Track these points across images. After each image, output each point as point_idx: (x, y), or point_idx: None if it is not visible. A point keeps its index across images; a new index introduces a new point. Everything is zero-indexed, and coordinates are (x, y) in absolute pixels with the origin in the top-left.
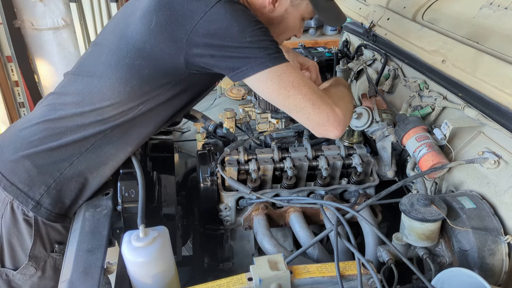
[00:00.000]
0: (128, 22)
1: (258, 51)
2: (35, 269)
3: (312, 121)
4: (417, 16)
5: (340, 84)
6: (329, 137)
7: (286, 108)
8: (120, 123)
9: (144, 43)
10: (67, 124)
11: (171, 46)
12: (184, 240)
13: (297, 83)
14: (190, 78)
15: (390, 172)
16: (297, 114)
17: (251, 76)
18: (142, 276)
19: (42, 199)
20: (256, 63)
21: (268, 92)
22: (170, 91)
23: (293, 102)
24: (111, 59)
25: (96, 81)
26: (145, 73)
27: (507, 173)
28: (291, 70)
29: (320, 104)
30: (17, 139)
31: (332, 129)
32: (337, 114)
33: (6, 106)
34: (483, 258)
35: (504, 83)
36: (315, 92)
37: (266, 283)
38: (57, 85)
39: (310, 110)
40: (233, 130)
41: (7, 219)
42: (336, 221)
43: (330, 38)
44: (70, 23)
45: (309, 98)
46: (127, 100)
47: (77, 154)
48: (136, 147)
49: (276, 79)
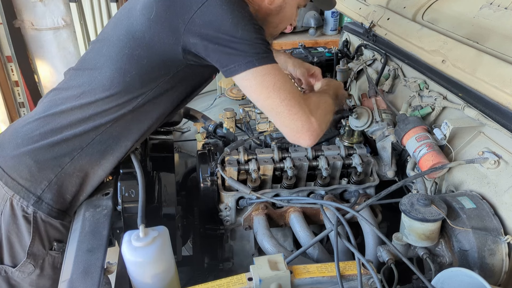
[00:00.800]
0: (129, 16)
1: (248, 48)
2: (33, 267)
3: (287, 126)
4: (417, 16)
5: (326, 93)
6: (301, 145)
7: (264, 109)
8: (119, 115)
9: (143, 33)
10: (68, 118)
11: (169, 35)
12: (184, 240)
13: (279, 86)
14: (187, 70)
15: (390, 172)
16: (273, 117)
17: (238, 74)
18: (142, 276)
19: (43, 194)
20: (244, 61)
21: (250, 90)
22: (168, 82)
23: (271, 104)
24: (112, 51)
25: (97, 72)
26: (144, 63)
27: (507, 173)
28: (276, 72)
29: (297, 111)
30: (18, 135)
31: (304, 138)
32: (312, 124)
33: (6, 106)
34: (483, 258)
35: (504, 83)
36: (294, 97)
37: (266, 283)
38: (59, 83)
39: (286, 115)
40: (233, 130)
41: (7, 216)
42: (336, 221)
43: (330, 38)
44: (70, 23)
45: (287, 104)
46: (126, 91)
47: (78, 149)
48: (136, 142)
49: (259, 79)
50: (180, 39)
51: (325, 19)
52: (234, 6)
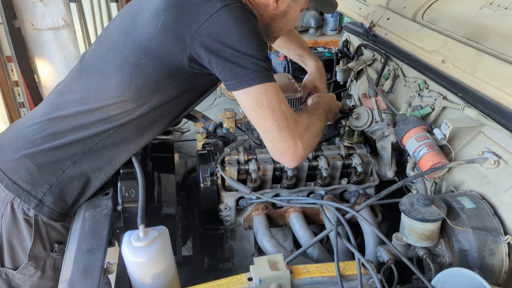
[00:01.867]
0: (135, 21)
1: (250, 64)
2: (34, 269)
3: (274, 145)
4: (417, 16)
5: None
6: (284, 164)
7: (256, 125)
8: (123, 122)
9: (149, 42)
10: (71, 123)
11: (175, 45)
12: (184, 240)
13: (273, 106)
14: (192, 78)
15: (390, 172)
16: (262, 134)
17: (238, 90)
18: (142, 276)
19: (44, 198)
20: (244, 79)
21: (245, 106)
22: (173, 91)
23: (263, 122)
24: (117, 58)
25: (102, 79)
26: (150, 72)
27: (507, 173)
28: (273, 91)
29: (286, 133)
30: (19, 137)
31: (288, 159)
32: (297, 148)
33: (6, 106)
34: (483, 258)
35: (504, 83)
36: (286, 119)
37: (266, 283)
38: (60, 82)
39: (275, 135)
40: (233, 130)
41: (7, 219)
42: (336, 221)
43: (330, 38)
44: (70, 23)
45: (278, 125)
46: (131, 100)
47: (80, 153)
48: (139, 147)
49: (255, 96)
50: (186, 49)
51: (325, 19)
52: (242, 20)
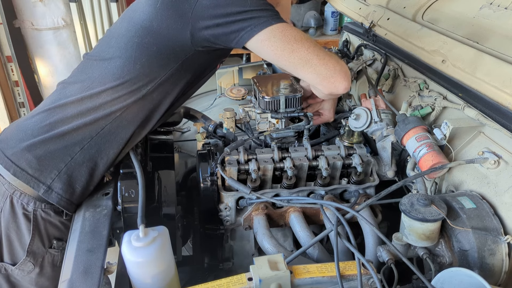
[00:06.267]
0: (135, 9)
1: (260, 12)
2: (33, 265)
3: (319, 74)
4: (417, 16)
5: None
6: (338, 90)
7: (292, 64)
8: (130, 103)
9: (151, 22)
10: (78, 108)
11: (177, 21)
12: (184, 240)
13: (299, 37)
14: (195, 57)
15: (390, 172)
16: (303, 68)
17: (255, 36)
18: (142, 276)
19: (53, 184)
20: (259, 22)
21: (272, 49)
22: (177, 69)
23: (298, 56)
24: (121, 41)
25: (106, 63)
26: (153, 50)
27: (507, 173)
28: (291, 27)
29: (325, 56)
30: (27, 127)
31: (340, 80)
32: (343, 66)
33: (6, 106)
34: (483, 258)
35: (504, 83)
36: (317, 45)
37: (266, 283)
38: (64, 80)
39: (316, 61)
40: (233, 130)
41: (6, 213)
42: (336, 221)
43: (330, 38)
44: (70, 23)
45: (313, 50)
46: (136, 79)
47: (88, 139)
48: (146, 130)
49: (279, 35)
50: (188, 24)
51: (325, 19)
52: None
